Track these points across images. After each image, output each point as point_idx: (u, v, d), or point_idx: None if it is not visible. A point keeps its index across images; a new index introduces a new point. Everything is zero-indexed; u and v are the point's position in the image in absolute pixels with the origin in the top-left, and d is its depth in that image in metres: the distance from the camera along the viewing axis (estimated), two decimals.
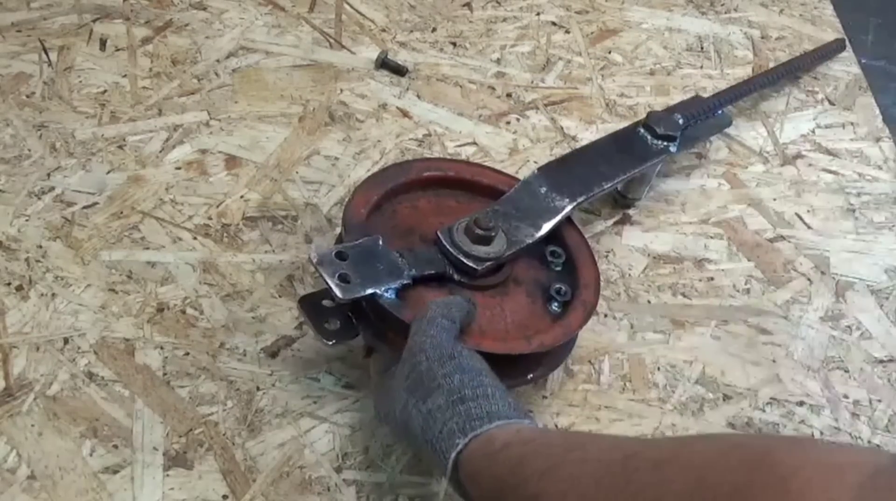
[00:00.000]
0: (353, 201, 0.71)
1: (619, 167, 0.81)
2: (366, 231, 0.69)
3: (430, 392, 0.58)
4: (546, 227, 0.73)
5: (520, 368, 0.68)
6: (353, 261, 0.65)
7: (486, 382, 0.59)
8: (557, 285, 0.72)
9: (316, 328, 0.67)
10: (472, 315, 0.65)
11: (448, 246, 0.69)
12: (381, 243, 0.67)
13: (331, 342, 0.67)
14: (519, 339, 0.67)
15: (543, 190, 0.75)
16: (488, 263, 0.69)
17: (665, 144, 0.83)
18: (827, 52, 1.05)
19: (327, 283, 0.64)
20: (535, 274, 0.73)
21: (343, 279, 0.64)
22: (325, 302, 0.68)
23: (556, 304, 0.71)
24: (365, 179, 0.74)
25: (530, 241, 0.72)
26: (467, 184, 0.77)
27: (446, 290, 0.68)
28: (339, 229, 0.72)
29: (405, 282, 0.66)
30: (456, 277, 0.69)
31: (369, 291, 0.64)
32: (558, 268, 0.74)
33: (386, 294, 0.65)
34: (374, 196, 0.72)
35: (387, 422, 0.63)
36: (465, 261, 0.69)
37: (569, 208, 0.75)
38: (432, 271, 0.68)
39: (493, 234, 0.69)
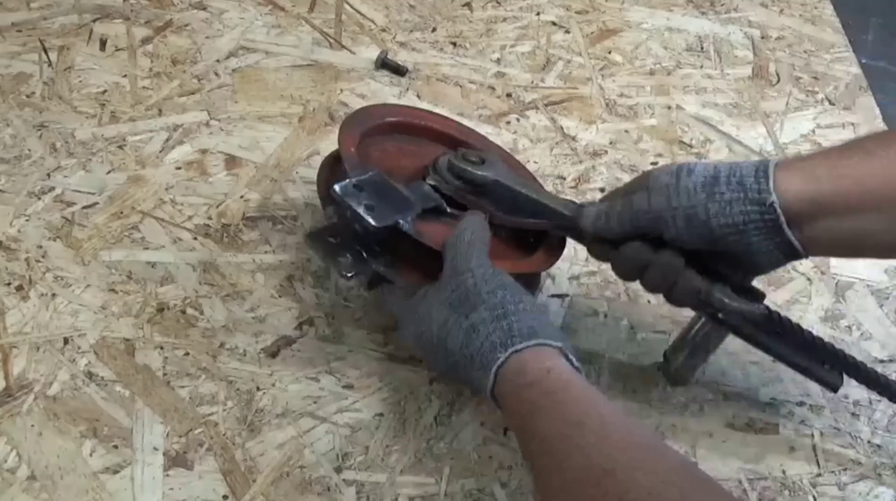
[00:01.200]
0: (342, 140, 0.72)
1: None
2: (363, 167, 0.70)
3: (475, 307, 0.60)
4: None
5: None
6: (368, 193, 0.66)
7: (525, 299, 0.61)
8: None
9: (331, 262, 0.67)
10: (488, 233, 0.68)
11: (450, 176, 0.70)
12: (384, 176, 0.68)
13: (349, 275, 0.66)
14: (515, 259, 0.71)
15: None
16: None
17: None
18: None
19: (356, 213, 0.64)
20: None
21: (370, 209, 0.65)
22: (331, 239, 0.68)
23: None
24: (343, 123, 0.75)
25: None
26: (424, 130, 0.79)
27: (442, 221, 0.70)
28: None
29: (417, 213, 0.67)
30: (449, 210, 0.71)
31: (398, 219, 0.65)
32: None
33: (406, 224, 0.66)
34: (356, 138, 0.73)
35: (418, 343, 0.65)
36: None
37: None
38: (432, 205, 0.70)
39: (484, 160, 0.71)
